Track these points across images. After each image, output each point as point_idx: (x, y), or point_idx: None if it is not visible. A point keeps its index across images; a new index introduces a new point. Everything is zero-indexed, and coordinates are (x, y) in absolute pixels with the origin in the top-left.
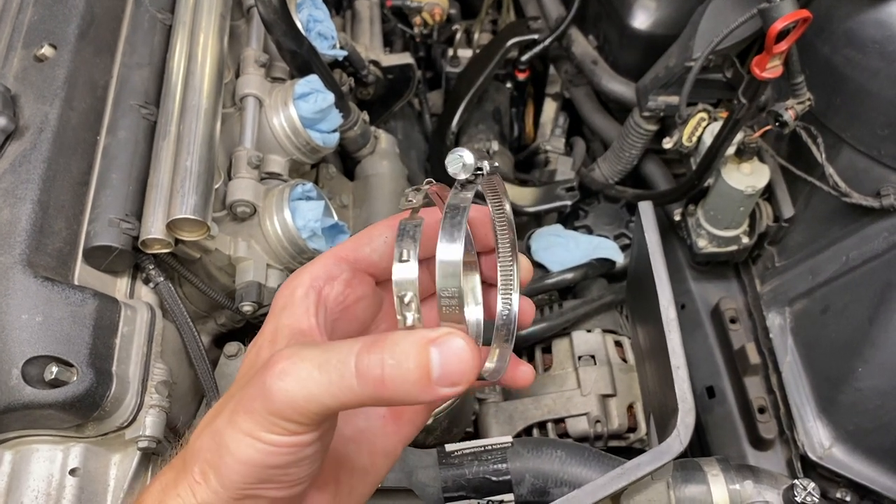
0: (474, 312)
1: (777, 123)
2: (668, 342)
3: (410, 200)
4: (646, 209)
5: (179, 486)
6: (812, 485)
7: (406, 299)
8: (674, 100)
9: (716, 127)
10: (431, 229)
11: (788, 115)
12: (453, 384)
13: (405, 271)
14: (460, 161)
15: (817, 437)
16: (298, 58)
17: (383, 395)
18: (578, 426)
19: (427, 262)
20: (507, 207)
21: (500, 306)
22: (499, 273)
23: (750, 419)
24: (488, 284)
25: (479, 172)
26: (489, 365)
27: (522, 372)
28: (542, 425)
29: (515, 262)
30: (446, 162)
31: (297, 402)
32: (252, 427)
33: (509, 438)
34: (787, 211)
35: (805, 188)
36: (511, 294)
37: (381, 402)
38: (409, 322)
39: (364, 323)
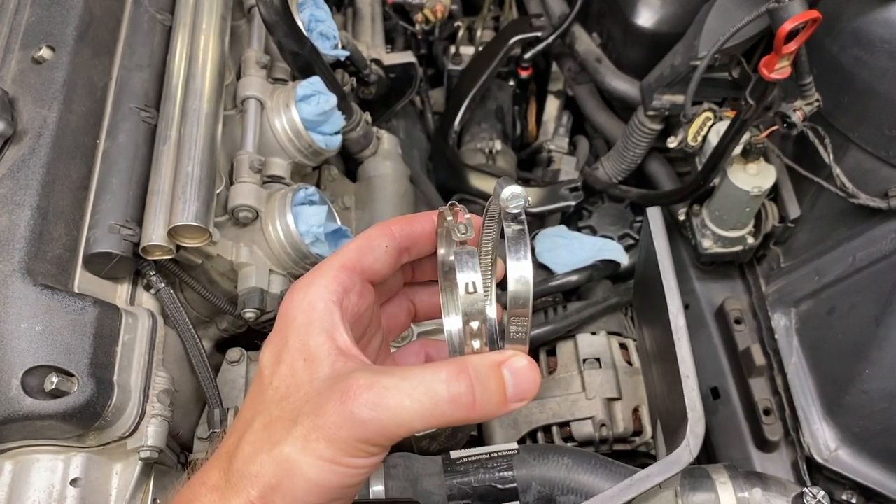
0: (454, 322)
1: (785, 125)
2: (678, 350)
3: (463, 233)
4: (654, 215)
5: None
6: (822, 493)
7: (475, 328)
8: (679, 99)
9: (721, 126)
10: (427, 236)
11: (796, 117)
12: (522, 399)
13: (474, 303)
14: (521, 199)
15: (823, 439)
16: (300, 59)
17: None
18: (583, 430)
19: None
20: (496, 236)
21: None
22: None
23: (755, 421)
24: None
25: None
26: None
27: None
28: (546, 429)
29: (493, 272)
30: (506, 199)
31: (389, 430)
32: (335, 454)
33: (515, 445)
34: (794, 211)
35: (811, 188)
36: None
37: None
38: (476, 347)
39: (365, 327)
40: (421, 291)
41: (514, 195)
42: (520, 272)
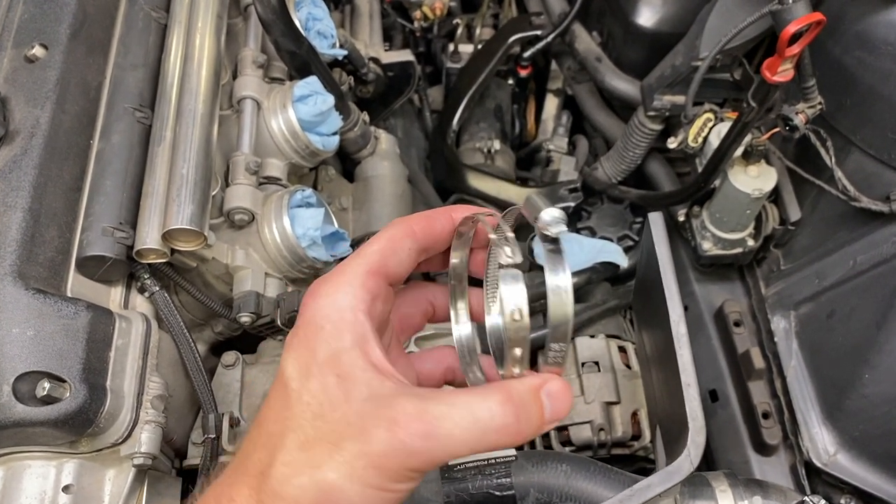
0: (464, 329)
1: (787, 127)
2: (679, 359)
3: (510, 257)
4: (656, 221)
5: None
6: (822, 501)
7: (518, 354)
8: (679, 99)
9: (722, 127)
10: (445, 234)
11: (799, 120)
12: (556, 420)
13: (519, 331)
14: (562, 225)
15: (822, 444)
16: (297, 58)
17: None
18: (582, 434)
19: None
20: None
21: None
22: (485, 294)
23: (753, 424)
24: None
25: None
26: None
27: None
28: (544, 434)
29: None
30: (547, 222)
31: (438, 458)
32: (382, 481)
33: (513, 451)
34: (794, 214)
35: (812, 191)
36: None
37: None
38: (517, 372)
39: (383, 330)
40: (440, 293)
41: (555, 220)
42: (559, 296)
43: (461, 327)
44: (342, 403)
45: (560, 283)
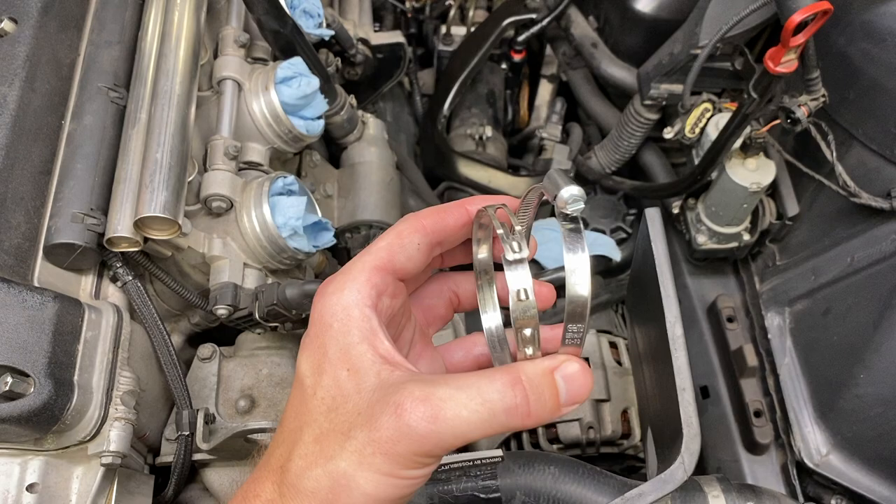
0: (493, 318)
1: (789, 120)
2: (674, 361)
3: (517, 252)
4: (653, 216)
5: None
6: None
7: (528, 334)
8: (677, 88)
9: (720, 118)
10: (460, 228)
11: (801, 113)
12: (574, 403)
13: (527, 310)
14: (581, 203)
15: (814, 443)
16: (281, 38)
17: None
18: (570, 432)
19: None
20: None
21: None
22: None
23: (745, 422)
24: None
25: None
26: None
27: None
28: (532, 430)
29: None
30: (566, 200)
31: (447, 441)
32: (392, 467)
33: (500, 452)
34: (792, 209)
35: (811, 185)
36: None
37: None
38: (530, 353)
39: (398, 324)
40: (464, 282)
41: (574, 198)
42: (577, 275)
43: (490, 316)
44: (354, 395)
45: (578, 263)
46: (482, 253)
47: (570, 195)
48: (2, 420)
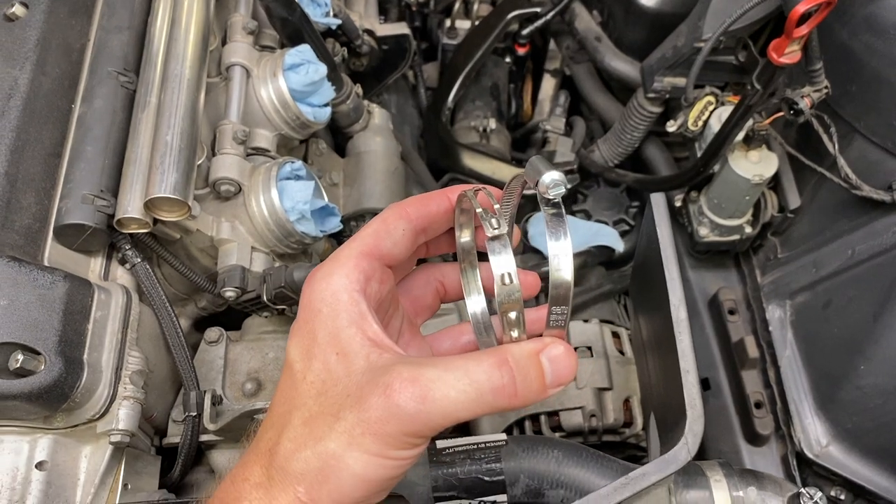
0: (477, 303)
1: (791, 111)
2: (678, 344)
3: (496, 228)
4: (658, 202)
5: None
6: (819, 494)
7: (513, 318)
8: (680, 81)
9: (723, 111)
10: (443, 215)
11: (804, 104)
12: (560, 384)
13: (511, 294)
14: (562, 187)
15: (814, 434)
16: (289, 26)
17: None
18: (573, 420)
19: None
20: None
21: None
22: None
23: (746, 413)
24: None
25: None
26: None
27: None
28: (534, 418)
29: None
30: (547, 185)
31: (435, 421)
32: (381, 448)
33: (503, 436)
34: (794, 201)
35: (812, 178)
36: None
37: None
38: (515, 335)
39: (386, 310)
40: (450, 272)
41: (555, 182)
42: (560, 259)
43: (474, 301)
44: (343, 378)
45: (560, 247)
46: (465, 237)
47: (552, 180)
48: (13, 396)
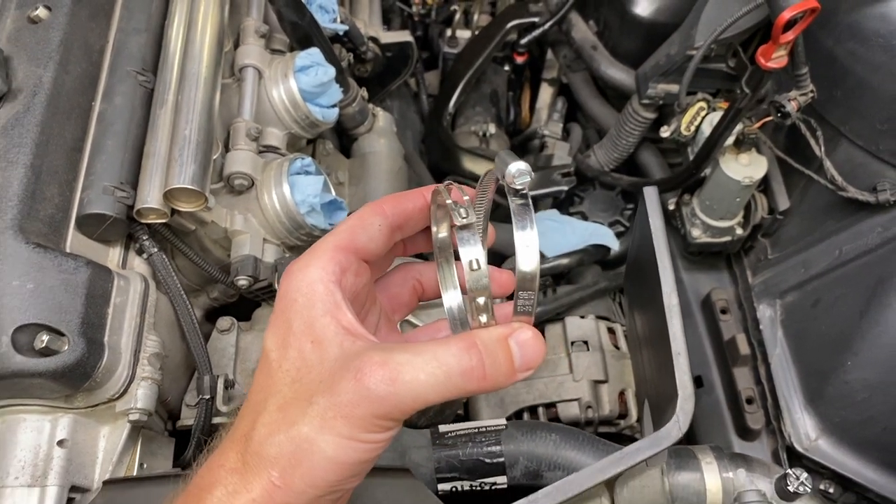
0: (453, 297)
1: (779, 114)
2: (670, 328)
3: (464, 217)
4: (650, 194)
5: (252, 490)
6: (805, 475)
7: (481, 303)
8: (673, 88)
9: (714, 117)
10: (419, 212)
11: (791, 106)
12: (528, 368)
13: (479, 280)
14: (527, 176)
15: (804, 429)
16: (299, 30)
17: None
18: (569, 411)
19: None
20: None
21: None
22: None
23: (737, 409)
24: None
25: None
26: None
27: None
28: (532, 409)
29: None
30: (513, 174)
31: (405, 404)
32: (352, 431)
33: (503, 421)
34: (783, 203)
35: (801, 181)
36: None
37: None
38: (484, 321)
39: (362, 304)
40: (427, 270)
41: (521, 171)
42: (527, 246)
43: (450, 295)
44: (317, 365)
45: (527, 238)
46: (441, 232)
47: (517, 170)
48: (38, 374)
